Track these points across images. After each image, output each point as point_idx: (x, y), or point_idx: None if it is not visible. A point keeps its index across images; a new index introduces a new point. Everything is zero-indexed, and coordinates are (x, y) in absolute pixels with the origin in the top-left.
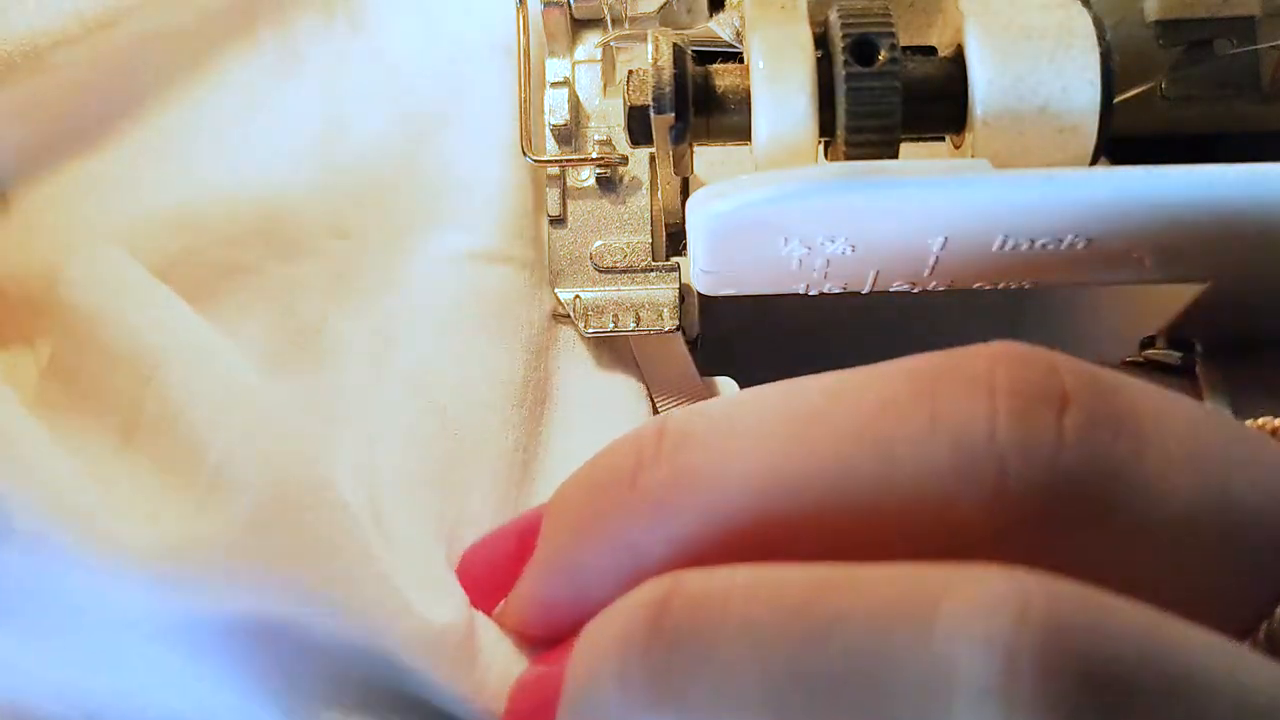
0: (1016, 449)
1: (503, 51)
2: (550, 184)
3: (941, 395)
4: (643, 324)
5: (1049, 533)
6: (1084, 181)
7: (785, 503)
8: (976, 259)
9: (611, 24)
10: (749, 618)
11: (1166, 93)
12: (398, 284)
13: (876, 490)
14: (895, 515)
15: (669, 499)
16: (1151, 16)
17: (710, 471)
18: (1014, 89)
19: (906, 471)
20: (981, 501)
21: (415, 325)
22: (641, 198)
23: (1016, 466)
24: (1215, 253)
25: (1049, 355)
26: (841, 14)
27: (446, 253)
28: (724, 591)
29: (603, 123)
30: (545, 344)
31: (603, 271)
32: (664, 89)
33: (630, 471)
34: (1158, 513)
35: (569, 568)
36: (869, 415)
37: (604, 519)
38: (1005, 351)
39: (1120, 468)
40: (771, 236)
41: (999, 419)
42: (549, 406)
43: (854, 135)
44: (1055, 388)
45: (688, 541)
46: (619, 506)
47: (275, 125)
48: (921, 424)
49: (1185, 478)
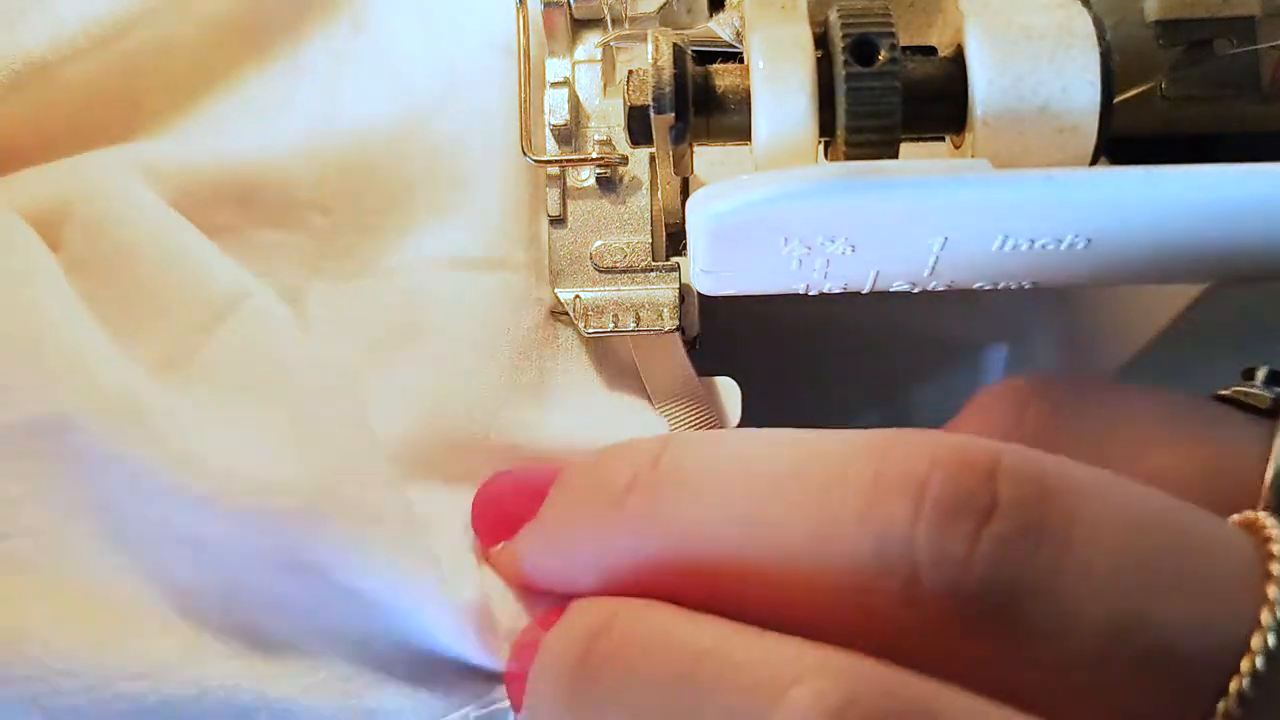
0: (929, 556)
1: (503, 51)
2: (550, 184)
3: (879, 487)
4: (643, 324)
5: (957, 639)
6: (1084, 181)
7: (733, 557)
8: (976, 259)
9: (611, 24)
10: (650, 674)
11: (1166, 93)
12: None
13: (810, 565)
14: (824, 591)
15: (644, 528)
16: (1151, 16)
17: (682, 514)
18: (1014, 89)
19: (835, 554)
20: (895, 598)
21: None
22: (641, 198)
23: (928, 573)
24: (1215, 253)
25: (994, 458)
26: (841, 14)
27: (431, 255)
28: (641, 643)
29: (603, 123)
30: (536, 345)
31: (603, 271)
32: (664, 89)
33: (623, 488)
34: (1070, 631)
35: (558, 546)
36: (817, 493)
37: (592, 522)
38: (950, 454)
39: (1033, 584)
40: (771, 236)
41: (919, 526)
42: (547, 407)
43: (854, 135)
44: (984, 498)
45: (651, 564)
46: (606, 518)
47: (270, 111)
48: (856, 512)
49: (1102, 600)
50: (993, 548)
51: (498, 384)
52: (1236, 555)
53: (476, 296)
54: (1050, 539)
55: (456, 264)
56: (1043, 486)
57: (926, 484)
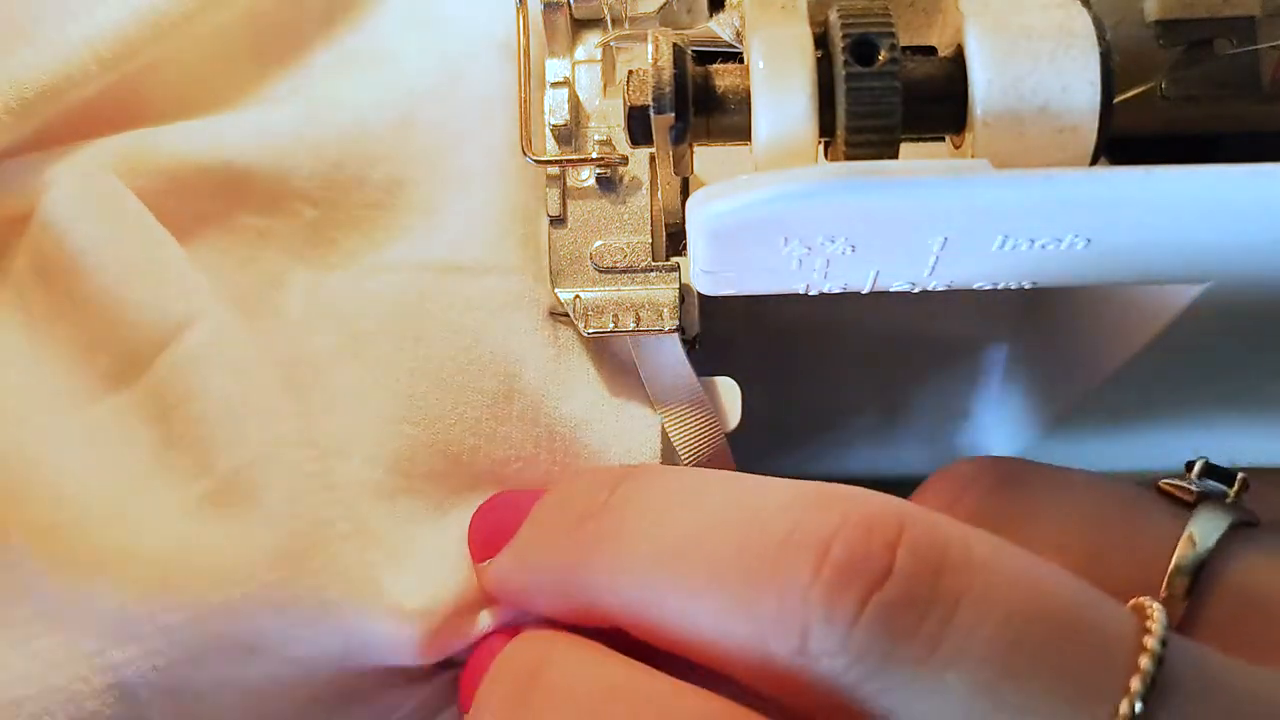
0: (820, 616)
1: (502, 51)
2: (550, 184)
3: (789, 544)
4: (643, 324)
5: (840, 697)
6: (1084, 181)
7: (659, 596)
8: (976, 259)
9: (611, 24)
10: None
11: (1166, 93)
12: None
13: (722, 612)
14: (733, 638)
15: (590, 558)
16: (1151, 16)
17: (621, 548)
18: (1014, 89)
19: (744, 605)
20: (790, 653)
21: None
22: (641, 198)
23: (816, 632)
24: (1215, 253)
25: (900, 524)
26: (841, 14)
27: (420, 257)
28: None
29: (603, 123)
30: (534, 348)
31: (603, 271)
32: (664, 89)
33: (579, 517)
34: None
35: (525, 566)
36: (737, 543)
37: (551, 547)
38: (860, 518)
39: (908, 655)
40: (771, 236)
41: (815, 588)
42: (547, 408)
43: (854, 135)
44: (880, 564)
45: (593, 590)
46: (561, 545)
47: (266, 104)
48: (767, 565)
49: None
50: (877, 614)
51: (486, 395)
52: (1118, 638)
53: (465, 302)
54: (934, 613)
55: (447, 267)
56: (941, 558)
57: (831, 545)
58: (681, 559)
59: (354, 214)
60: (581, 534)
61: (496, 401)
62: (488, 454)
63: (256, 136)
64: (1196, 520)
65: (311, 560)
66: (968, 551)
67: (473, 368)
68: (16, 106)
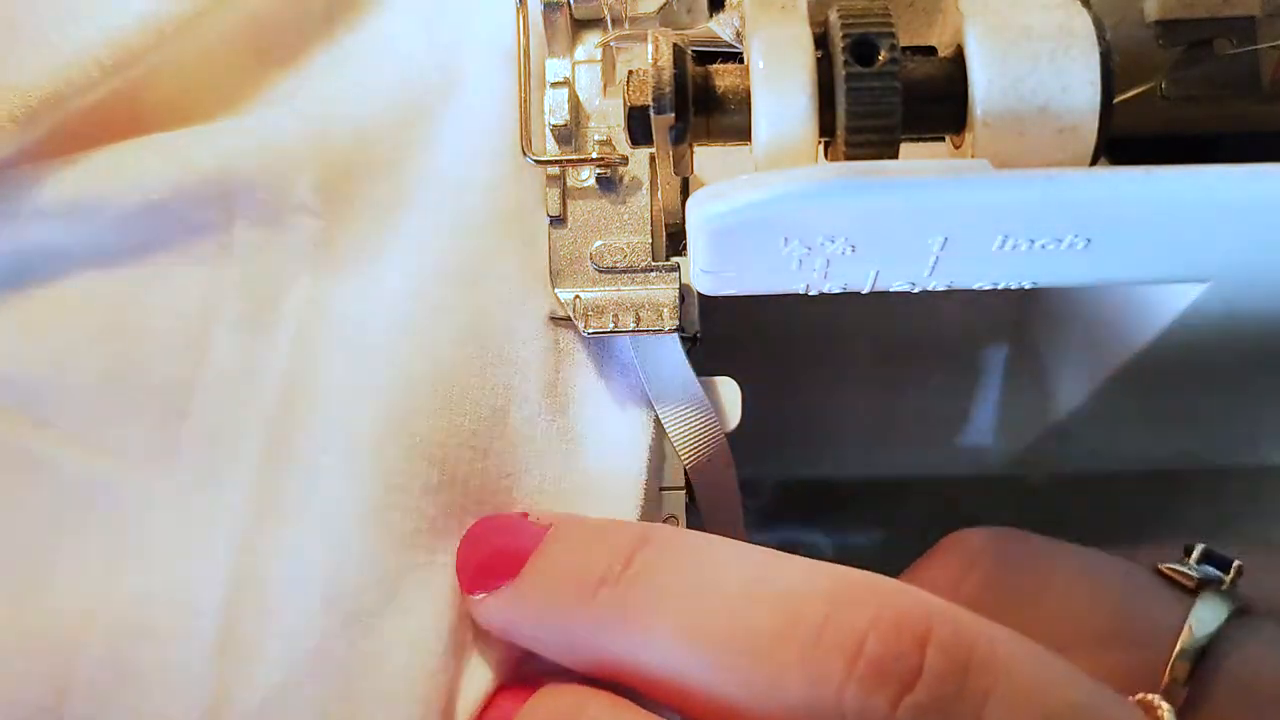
0: (854, 714)
1: (502, 51)
2: (550, 184)
3: (823, 638)
4: (643, 324)
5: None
6: (1084, 181)
7: (681, 677)
8: (976, 259)
9: (611, 24)
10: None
11: (1166, 93)
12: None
13: (752, 701)
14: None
15: (608, 626)
16: (1151, 16)
17: (642, 622)
18: (1014, 89)
19: (774, 696)
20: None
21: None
22: (641, 198)
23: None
24: (1215, 253)
25: (929, 625)
26: (841, 14)
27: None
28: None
29: (603, 123)
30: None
31: (603, 271)
32: (664, 89)
33: (596, 580)
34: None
35: (531, 616)
36: (768, 632)
37: (562, 607)
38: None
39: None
40: (771, 236)
41: (849, 685)
42: (546, 409)
43: (854, 135)
44: (911, 665)
45: (612, 657)
46: (575, 608)
47: (266, 109)
48: (798, 658)
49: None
50: (909, 716)
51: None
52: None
53: (466, 308)
54: (962, 713)
55: (447, 271)
56: (969, 658)
57: (864, 642)
58: (708, 641)
59: (354, 220)
60: (597, 602)
61: (495, 411)
62: (483, 467)
63: (258, 144)
64: (1197, 608)
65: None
66: (992, 650)
67: (474, 377)
68: (21, 114)
